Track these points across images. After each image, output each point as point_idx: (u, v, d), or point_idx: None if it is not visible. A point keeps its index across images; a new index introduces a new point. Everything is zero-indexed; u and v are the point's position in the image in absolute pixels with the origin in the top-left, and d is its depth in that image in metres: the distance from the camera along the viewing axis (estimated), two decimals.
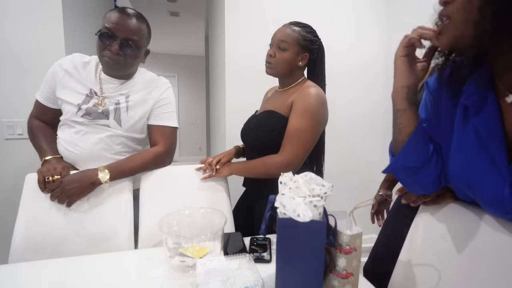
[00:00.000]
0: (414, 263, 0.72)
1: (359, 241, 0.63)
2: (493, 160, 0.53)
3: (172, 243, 0.74)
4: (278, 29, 1.09)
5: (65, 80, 1.06)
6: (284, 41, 1.04)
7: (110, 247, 0.96)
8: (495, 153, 0.53)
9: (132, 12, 1.04)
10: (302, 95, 1.03)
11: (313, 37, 1.08)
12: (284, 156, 1.01)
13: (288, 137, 1.02)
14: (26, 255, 0.91)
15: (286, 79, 1.12)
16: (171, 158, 1.16)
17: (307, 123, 1.01)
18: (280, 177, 0.65)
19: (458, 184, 0.62)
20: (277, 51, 1.06)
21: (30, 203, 0.97)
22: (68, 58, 1.09)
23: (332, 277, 0.65)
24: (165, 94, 1.14)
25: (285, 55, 1.05)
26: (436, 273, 0.65)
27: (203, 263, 0.64)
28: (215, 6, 2.48)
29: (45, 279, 0.73)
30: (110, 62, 1.02)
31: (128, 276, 0.74)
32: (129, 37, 1.01)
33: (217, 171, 1.10)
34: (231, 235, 0.92)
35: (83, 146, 1.04)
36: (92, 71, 1.09)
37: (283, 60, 1.05)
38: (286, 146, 1.02)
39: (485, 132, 0.54)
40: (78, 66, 1.08)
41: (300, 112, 1.01)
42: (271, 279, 0.63)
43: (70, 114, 1.04)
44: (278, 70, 1.08)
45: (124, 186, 1.05)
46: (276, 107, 1.08)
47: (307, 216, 0.55)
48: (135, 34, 1.01)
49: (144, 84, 1.12)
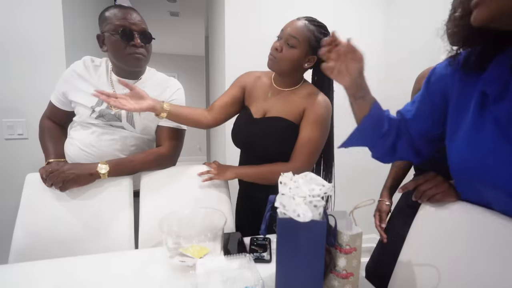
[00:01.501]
0: (414, 263, 0.72)
1: (359, 241, 0.63)
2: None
3: (172, 243, 0.74)
4: (291, 21, 0.99)
5: (78, 83, 1.07)
6: (294, 37, 0.96)
7: (110, 247, 0.96)
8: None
9: (130, 7, 1.07)
10: (314, 104, 1.00)
11: (320, 35, 0.99)
12: (295, 165, 0.99)
13: (300, 147, 1.00)
14: (26, 255, 0.91)
15: (286, 78, 1.06)
16: (175, 160, 1.16)
17: (319, 134, 1.00)
18: (280, 177, 0.65)
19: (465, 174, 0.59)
20: (285, 46, 0.97)
21: (30, 203, 0.97)
22: (79, 62, 1.11)
23: (332, 277, 0.65)
24: (175, 96, 1.14)
25: (293, 52, 0.97)
26: (437, 273, 0.65)
27: (203, 263, 0.64)
28: (215, 6, 2.48)
29: (45, 279, 0.73)
30: (138, 56, 1.04)
31: (128, 276, 0.74)
32: (143, 27, 1.04)
33: (221, 174, 1.08)
34: (231, 235, 0.92)
35: (99, 147, 1.05)
36: (103, 73, 1.10)
37: (289, 57, 0.97)
38: (297, 156, 1.00)
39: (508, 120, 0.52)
40: (90, 69, 1.10)
41: (314, 122, 1.00)
42: (271, 279, 0.63)
43: (85, 116, 1.06)
44: (281, 67, 1.00)
45: (124, 185, 1.05)
46: (285, 114, 1.03)
47: (307, 216, 0.55)
48: (144, 24, 1.05)
49: (156, 85, 1.13)
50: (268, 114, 1.07)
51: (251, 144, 1.09)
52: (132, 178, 1.08)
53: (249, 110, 1.10)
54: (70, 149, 1.08)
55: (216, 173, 1.08)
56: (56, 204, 0.97)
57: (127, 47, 1.02)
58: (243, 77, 1.16)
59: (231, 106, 1.12)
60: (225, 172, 1.07)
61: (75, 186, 0.97)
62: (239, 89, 1.14)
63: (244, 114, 1.12)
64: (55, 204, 0.97)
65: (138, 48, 1.03)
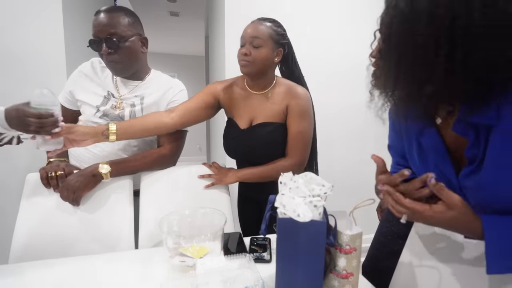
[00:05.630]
0: (415, 264, 0.72)
1: (359, 241, 0.63)
2: (445, 176, 0.58)
3: (172, 243, 0.74)
4: (247, 26, 1.02)
5: (85, 83, 1.09)
6: (257, 37, 0.98)
7: (110, 247, 0.96)
8: (444, 169, 0.58)
9: (107, 8, 1.02)
10: (294, 98, 1.03)
11: (283, 31, 1.05)
12: (293, 159, 1.03)
13: (293, 141, 1.04)
14: (26, 255, 0.91)
15: (261, 78, 1.05)
16: (175, 160, 1.17)
17: (306, 124, 1.04)
18: (280, 177, 0.65)
19: None
20: (252, 49, 0.99)
21: (31, 203, 0.97)
22: (87, 63, 1.13)
23: (332, 277, 0.65)
24: (177, 97, 1.14)
25: (262, 51, 0.99)
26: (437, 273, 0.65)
27: (203, 263, 0.64)
28: (215, 6, 2.48)
29: (45, 279, 0.73)
30: (110, 64, 1.03)
31: (128, 276, 0.74)
32: (109, 32, 0.99)
33: (223, 179, 1.09)
34: (231, 235, 0.92)
35: (102, 146, 1.06)
36: (109, 74, 1.12)
37: (261, 57, 0.99)
38: (293, 150, 1.04)
39: (431, 150, 0.60)
40: (97, 70, 1.11)
41: (299, 115, 1.03)
42: (271, 279, 0.63)
43: (89, 115, 1.07)
44: (256, 68, 1.00)
45: (124, 185, 1.05)
46: (271, 117, 1.04)
47: (307, 216, 0.55)
48: (115, 27, 1.00)
49: (158, 86, 1.13)
50: (254, 122, 1.07)
51: (244, 154, 1.11)
52: (132, 178, 1.08)
53: (235, 122, 1.10)
54: (75, 149, 1.08)
55: (218, 178, 1.09)
56: (56, 204, 0.97)
57: (102, 56, 1.02)
58: (214, 86, 1.14)
59: (196, 110, 1.09)
60: (227, 176, 1.08)
61: (85, 192, 0.97)
62: (209, 96, 1.11)
63: (231, 127, 1.12)
64: (55, 204, 0.97)
65: (108, 56, 1.00)
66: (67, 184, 0.95)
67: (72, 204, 0.96)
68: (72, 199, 0.95)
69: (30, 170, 1.00)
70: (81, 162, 1.08)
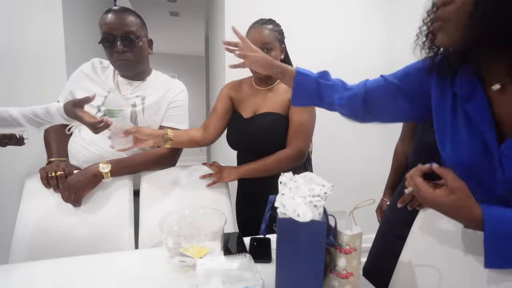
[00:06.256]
0: (415, 264, 0.72)
1: (359, 241, 0.63)
2: (486, 144, 0.55)
3: (172, 243, 0.74)
4: (253, 33, 1.06)
5: (86, 83, 1.09)
6: (268, 42, 1.04)
7: (110, 247, 0.96)
8: (488, 137, 0.55)
9: (118, 8, 1.05)
10: None
11: (281, 29, 1.11)
12: (294, 149, 1.05)
13: (294, 131, 1.06)
14: (26, 255, 0.91)
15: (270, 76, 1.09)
16: (175, 160, 1.17)
17: (308, 115, 1.07)
18: (280, 177, 0.65)
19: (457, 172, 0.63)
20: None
21: (30, 203, 0.97)
22: (88, 63, 1.13)
23: (332, 277, 0.65)
24: (178, 97, 1.15)
25: (273, 54, 1.05)
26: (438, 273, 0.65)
27: (203, 263, 0.64)
28: (215, 6, 2.48)
29: (45, 279, 0.73)
30: (122, 62, 1.03)
31: (128, 276, 0.74)
32: (126, 30, 1.01)
33: (225, 176, 1.09)
34: (231, 235, 0.91)
35: (102, 146, 1.06)
36: (110, 75, 1.12)
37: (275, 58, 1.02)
38: (293, 140, 1.06)
39: (477, 118, 0.57)
40: (97, 70, 1.12)
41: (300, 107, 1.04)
42: (271, 279, 0.63)
43: None
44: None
45: (124, 185, 1.05)
46: (274, 108, 1.08)
47: (307, 216, 0.55)
48: (130, 26, 1.02)
49: (159, 86, 1.14)
50: (257, 112, 1.11)
51: (246, 143, 1.12)
52: (132, 178, 1.08)
53: (239, 113, 1.15)
54: (74, 147, 1.08)
55: (219, 176, 1.09)
56: (56, 204, 0.97)
57: (112, 55, 1.03)
58: (224, 89, 1.21)
59: (223, 118, 1.17)
60: (228, 173, 1.09)
61: (86, 192, 0.98)
62: (227, 100, 1.18)
63: (236, 117, 1.17)
64: (55, 204, 0.97)
65: (121, 54, 1.01)
66: (68, 184, 0.95)
67: (73, 204, 0.97)
68: (73, 199, 0.95)
69: (30, 170, 1.00)
70: (79, 161, 1.07)
